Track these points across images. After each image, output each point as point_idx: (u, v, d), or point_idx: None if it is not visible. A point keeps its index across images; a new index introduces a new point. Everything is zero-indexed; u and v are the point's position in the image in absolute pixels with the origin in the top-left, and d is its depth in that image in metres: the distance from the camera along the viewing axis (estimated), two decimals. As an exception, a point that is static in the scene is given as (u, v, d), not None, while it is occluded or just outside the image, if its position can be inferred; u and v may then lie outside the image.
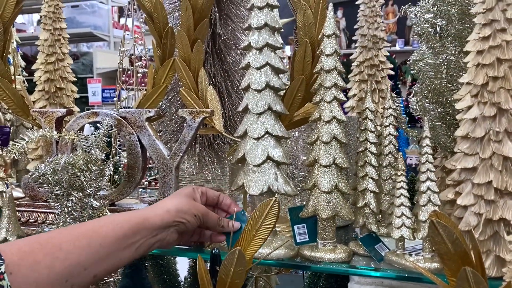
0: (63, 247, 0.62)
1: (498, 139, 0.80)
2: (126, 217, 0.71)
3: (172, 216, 0.76)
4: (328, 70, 0.86)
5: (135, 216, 0.72)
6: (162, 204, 0.78)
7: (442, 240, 0.65)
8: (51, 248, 0.60)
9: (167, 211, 0.76)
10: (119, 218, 0.71)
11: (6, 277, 0.54)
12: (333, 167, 0.86)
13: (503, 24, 0.79)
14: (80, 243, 0.64)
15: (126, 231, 0.69)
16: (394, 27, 5.75)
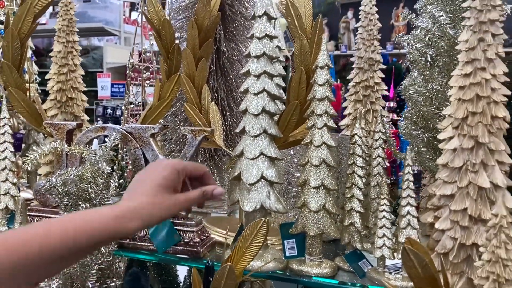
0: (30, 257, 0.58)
1: (474, 169, 0.86)
2: (100, 226, 0.65)
3: (146, 225, 0.70)
4: (320, 99, 0.92)
5: (111, 226, 0.66)
6: (137, 212, 0.69)
7: (413, 265, 0.72)
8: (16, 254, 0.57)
9: (142, 222, 0.69)
10: (95, 227, 0.65)
11: None
12: (321, 188, 0.93)
13: (483, 64, 0.85)
14: (51, 253, 0.60)
15: (98, 240, 0.65)
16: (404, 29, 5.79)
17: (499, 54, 0.85)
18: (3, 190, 1.15)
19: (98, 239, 0.64)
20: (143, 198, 0.70)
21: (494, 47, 0.85)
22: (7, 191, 1.15)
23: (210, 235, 1.10)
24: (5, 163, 1.15)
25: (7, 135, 1.15)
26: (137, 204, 0.69)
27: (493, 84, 0.85)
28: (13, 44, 1.16)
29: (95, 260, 0.97)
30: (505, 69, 0.85)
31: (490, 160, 0.85)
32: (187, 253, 1.01)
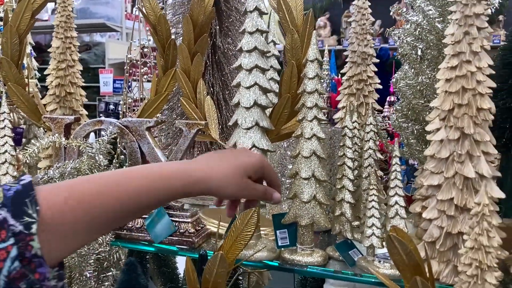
0: (98, 208, 0.59)
1: (460, 160, 0.88)
2: (170, 190, 0.67)
3: (210, 194, 0.73)
4: (310, 92, 0.95)
5: (179, 189, 0.68)
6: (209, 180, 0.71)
7: (398, 252, 0.74)
8: (86, 207, 0.58)
9: (208, 190, 0.71)
10: (163, 187, 0.66)
11: (36, 238, 0.52)
12: (312, 179, 0.95)
13: (469, 56, 0.87)
14: (115, 207, 0.61)
15: (163, 200, 0.67)
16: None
17: (484, 47, 0.87)
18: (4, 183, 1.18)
19: (168, 198, 0.67)
20: (221, 170, 0.72)
21: (479, 40, 0.87)
22: (7, 184, 1.18)
23: (205, 226, 1.12)
24: (5, 156, 1.17)
25: (7, 129, 1.17)
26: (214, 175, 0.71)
27: (478, 77, 0.87)
28: (12, 41, 1.19)
29: (92, 250, 1.00)
30: (490, 62, 0.87)
31: (476, 151, 0.87)
32: (183, 243, 1.04)
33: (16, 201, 0.52)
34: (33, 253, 0.52)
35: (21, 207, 0.52)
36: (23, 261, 0.51)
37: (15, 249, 0.50)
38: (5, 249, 0.50)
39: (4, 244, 0.50)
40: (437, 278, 0.89)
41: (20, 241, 0.51)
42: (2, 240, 0.50)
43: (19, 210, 0.52)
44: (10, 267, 0.50)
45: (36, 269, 0.52)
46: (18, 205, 0.52)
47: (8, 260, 0.50)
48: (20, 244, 0.51)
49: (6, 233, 0.50)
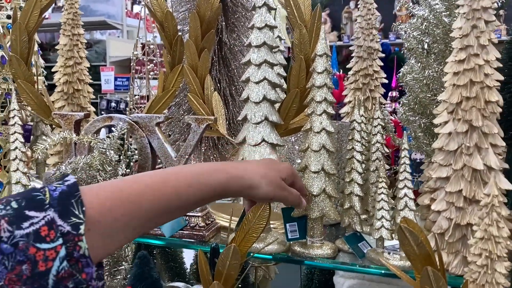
0: (144, 207, 0.61)
1: (469, 152, 0.89)
2: (211, 185, 0.70)
3: (249, 196, 0.78)
4: (319, 86, 0.96)
5: (219, 185, 0.71)
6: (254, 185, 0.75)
7: (409, 243, 0.75)
8: (131, 207, 0.60)
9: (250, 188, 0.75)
10: (204, 180, 0.69)
11: (84, 238, 0.53)
12: (321, 173, 0.96)
13: (476, 50, 0.88)
14: (160, 205, 0.63)
15: (205, 197, 0.69)
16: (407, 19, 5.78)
17: (491, 40, 0.88)
18: (15, 179, 1.19)
19: (206, 195, 0.69)
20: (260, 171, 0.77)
21: (487, 33, 0.88)
22: (18, 180, 1.19)
23: (215, 220, 1.13)
24: (15, 153, 1.19)
25: (17, 126, 1.19)
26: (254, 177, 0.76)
27: (486, 70, 0.88)
28: (21, 38, 1.20)
29: (104, 244, 1.01)
30: (498, 55, 0.88)
31: (484, 143, 0.88)
32: (193, 237, 1.05)
33: (63, 202, 0.54)
34: (81, 253, 0.53)
35: (67, 208, 0.54)
36: (70, 261, 0.52)
37: (64, 249, 0.52)
38: (54, 249, 0.51)
39: (53, 244, 0.51)
40: (446, 269, 0.90)
41: (68, 241, 0.52)
42: (51, 240, 0.51)
43: (66, 211, 0.53)
44: (59, 267, 0.51)
45: (83, 269, 0.53)
46: (65, 205, 0.54)
47: (57, 259, 0.51)
48: (69, 244, 0.52)
49: (55, 233, 0.52)
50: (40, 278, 0.50)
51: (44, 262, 0.50)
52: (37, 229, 0.51)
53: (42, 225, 0.51)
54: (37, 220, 0.51)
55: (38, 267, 0.50)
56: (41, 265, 0.50)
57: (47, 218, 0.52)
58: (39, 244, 0.50)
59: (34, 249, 0.50)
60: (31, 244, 0.50)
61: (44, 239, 0.51)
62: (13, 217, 0.51)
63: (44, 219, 0.52)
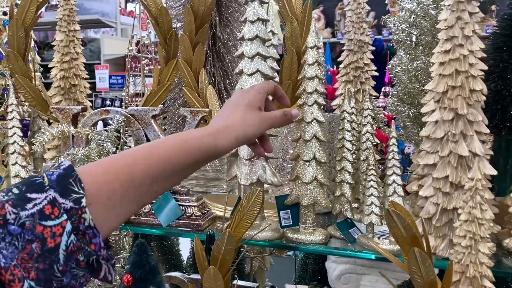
0: (137, 177, 0.62)
1: (455, 140, 0.92)
2: (197, 144, 0.70)
3: (239, 143, 0.77)
4: (310, 78, 0.99)
5: (206, 143, 0.71)
6: (231, 128, 0.75)
7: (396, 226, 0.78)
8: (125, 177, 0.61)
9: (236, 139, 0.75)
10: (192, 144, 0.70)
11: (87, 210, 0.55)
12: (313, 162, 0.99)
13: (461, 40, 0.91)
14: (154, 171, 0.64)
15: (196, 158, 0.70)
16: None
17: (475, 31, 0.91)
18: (13, 172, 1.21)
19: (196, 157, 0.69)
20: (234, 117, 0.76)
21: (471, 25, 0.91)
22: (17, 173, 1.21)
23: (211, 209, 1.16)
24: (14, 147, 1.21)
25: (15, 120, 1.21)
26: (230, 123, 0.75)
27: (470, 60, 0.91)
28: (18, 34, 1.22)
29: (103, 234, 1.03)
30: (482, 45, 0.91)
31: (469, 130, 0.92)
32: (189, 226, 1.08)
33: (61, 182, 0.55)
34: (86, 225, 0.55)
35: (67, 187, 0.55)
36: (77, 234, 0.54)
37: (69, 224, 0.53)
38: (60, 225, 0.53)
39: (58, 220, 0.53)
40: (434, 252, 0.93)
41: (72, 216, 0.54)
42: (56, 217, 0.53)
43: (65, 190, 0.55)
44: (67, 241, 0.53)
45: (90, 240, 0.55)
46: (64, 185, 0.55)
47: (65, 234, 0.53)
48: (73, 219, 0.54)
49: (59, 210, 0.53)
50: (51, 254, 0.52)
51: (52, 238, 0.52)
52: (41, 208, 0.53)
53: (45, 204, 0.53)
54: (40, 201, 0.53)
55: (47, 244, 0.52)
56: (49, 241, 0.52)
57: (49, 198, 0.54)
58: (45, 222, 0.52)
59: (41, 227, 0.52)
60: (37, 223, 0.52)
61: (49, 216, 0.52)
62: (16, 201, 0.53)
63: (46, 199, 0.53)
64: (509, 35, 1.03)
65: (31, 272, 0.51)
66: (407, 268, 0.80)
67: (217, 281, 0.87)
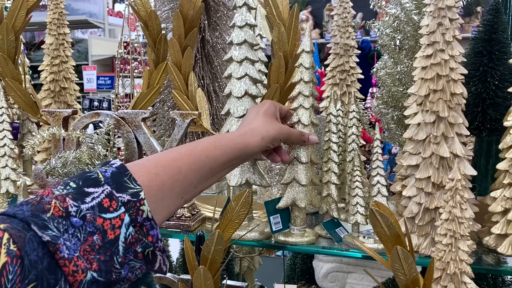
0: (182, 170, 0.68)
1: (436, 141, 0.95)
2: (230, 143, 0.79)
3: (265, 143, 0.86)
4: (307, 81, 1.01)
5: (238, 142, 0.80)
6: (256, 130, 0.86)
7: (380, 225, 0.81)
8: (172, 170, 0.66)
9: (262, 139, 0.85)
10: (225, 142, 0.78)
11: (146, 202, 0.57)
12: (309, 163, 1.02)
13: (442, 46, 0.94)
14: (195, 166, 0.70)
15: (230, 156, 0.77)
16: (387, 17, 5.88)
17: (456, 37, 0.94)
18: (4, 175, 1.22)
19: (230, 155, 0.77)
20: (257, 121, 0.88)
21: (452, 30, 0.94)
22: (7, 176, 1.22)
23: (200, 211, 1.18)
24: (4, 150, 1.22)
25: (5, 123, 1.22)
26: (254, 126, 0.86)
27: (451, 64, 0.94)
28: (8, 38, 1.23)
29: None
30: (462, 50, 0.94)
31: (450, 132, 0.95)
32: (179, 227, 1.10)
33: (116, 180, 0.58)
34: (144, 217, 0.57)
35: (122, 184, 0.58)
36: (135, 226, 0.56)
37: (127, 216, 0.56)
38: (119, 217, 0.55)
39: (117, 213, 0.55)
40: (417, 251, 0.96)
41: (130, 208, 0.56)
42: (114, 209, 0.55)
43: (121, 186, 0.57)
44: (126, 233, 0.55)
45: (148, 232, 0.58)
46: (119, 182, 0.58)
47: (123, 226, 0.55)
48: (131, 211, 0.56)
49: (117, 203, 0.55)
50: (111, 245, 0.53)
51: (112, 230, 0.54)
52: (100, 201, 0.54)
53: (103, 198, 0.55)
54: (97, 194, 0.55)
55: (108, 236, 0.53)
56: (109, 233, 0.53)
57: (106, 192, 0.55)
58: (105, 214, 0.54)
59: (101, 219, 0.53)
60: (98, 215, 0.53)
61: (108, 209, 0.54)
62: (76, 194, 0.55)
63: (104, 193, 0.55)
64: (489, 40, 1.07)
65: (93, 263, 0.52)
66: (390, 266, 0.83)
67: (207, 280, 0.89)
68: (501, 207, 0.96)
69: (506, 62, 1.06)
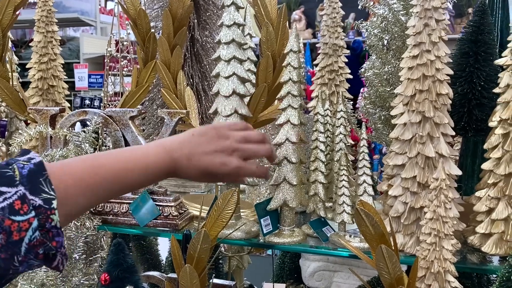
0: (100, 194, 0.68)
1: (422, 141, 0.96)
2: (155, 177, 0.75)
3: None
4: (295, 81, 1.02)
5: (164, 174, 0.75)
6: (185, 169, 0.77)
7: (365, 224, 0.82)
8: (89, 194, 0.66)
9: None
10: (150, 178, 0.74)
11: (57, 212, 0.58)
12: (298, 163, 1.02)
13: (428, 46, 0.95)
14: (113, 193, 0.70)
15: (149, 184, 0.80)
16: (378, 17, 5.90)
17: (442, 38, 0.95)
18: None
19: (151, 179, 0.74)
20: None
21: (438, 31, 0.95)
22: (-6, 174, 1.21)
23: (188, 210, 1.18)
24: (-9, 148, 1.21)
25: (-8, 121, 1.21)
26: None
27: (437, 65, 0.95)
28: (-5, 35, 1.22)
29: (80, 234, 1.05)
30: (448, 51, 0.95)
31: (436, 132, 0.96)
32: (167, 225, 1.10)
33: (32, 180, 0.58)
34: (53, 225, 0.58)
35: (37, 186, 0.58)
36: (42, 231, 0.57)
37: (36, 221, 0.57)
38: (27, 220, 0.56)
39: (26, 217, 0.56)
40: (402, 250, 0.97)
41: (40, 214, 0.57)
42: (24, 213, 0.56)
43: (35, 188, 0.58)
44: (31, 236, 0.56)
45: (54, 237, 0.59)
46: (34, 183, 0.58)
47: (30, 230, 0.56)
48: (41, 216, 0.57)
49: (28, 207, 0.56)
50: (14, 246, 0.55)
51: (18, 232, 0.55)
52: (11, 203, 0.55)
53: (15, 199, 0.55)
54: (10, 195, 0.56)
55: (13, 237, 0.55)
56: (15, 235, 0.55)
57: (19, 194, 0.56)
58: (14, 217, 0.55)
59: (10, 221, 0.55)
60: (7, 217, 0.54)
61: (18, 212, 0.55)
62: None
63: (16, 194, 0.56)
64: (475, 41, 1.08)
65: None
66: (375, 264, 0.84)
67: (193, 279, 0.89)
68: (486, 207, 0.97)
69: (492, 63, 1.07)
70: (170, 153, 0.75)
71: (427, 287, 0.83)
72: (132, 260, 1.00)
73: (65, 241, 0.63)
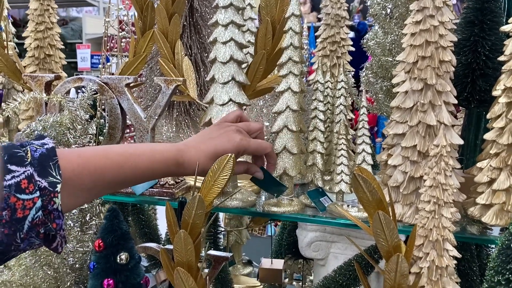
0: (106, 178, 0.73)
1: (423, 109, 0.94)
2: (163, 165, 0.83)
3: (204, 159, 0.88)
4: (296, 47, 0.99)
5: (173, 164, 0.84)
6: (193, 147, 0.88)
7: (362, 190, 0.80)
8: (96, 177, 0.71)
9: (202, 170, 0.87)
10: (157, 165, 0.82)
11: (59, 196, 0.62)
12: (298, 132, 1.00)
13: (432, 11, 0.92)
14: (119, 179, 0.75)
15: (158, 175, 0.86)
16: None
17: (446, 2, 0.92)
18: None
19: (163, 171, 0.85)
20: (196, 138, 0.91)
21: (442, -5, 0.92)
22: (-11, 142, 1.20)
23: (185, 179, 1.17)
24: (-14, 116, 1.20)
25: (-13, 89, 1.19)
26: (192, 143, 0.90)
27: (440, 31, 0.92)
28: (-10, 0, 1.20)
29: (75, 201, 1.03)
30: (452, 17, 0.92)
31: (437, 100, 0.93)
32: (163, 194, 1.09)
33: (42, 163, 0.61)
34: (55, 208, 0.62)
35: (46, 169, 0.62)
36: (44, 212, 0.61)
37: (40, 201, 0.60)
38: (32, 200, 0.59)
39: (31, 196, 0.59)
40: (401, 220, 0.95)
41: (45, 195, 0.61)
42: (30, 192, 0.59)
43: (44, 171, 0.61)
44: (34, 215, 0.59)
45: (54, 219, 0.63)
46: (43, 166, 0.61)
47: (34, 209, 0.59)
48: (45, 198, 0.61)
49: (34, 186, 0.59)
50: (17, 223, 0.58)
51: (22, 210, 0.58)
52: (18, 182, 0.58)
53: (22, 179, 0.59)
54: (18, 174, 0.59)
55: (17, 214, 0.58)
56: (19, 212, 0.58)
57: (27, 173, 0.59)
58: (19, 195, 0.58)
59: (15, 198, 0.58)
60: (13, 194, 0.58)
61: (24, 190, 0.59)
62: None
63: (24, 174, 0.59)
64: (480, 9, 1.04)
65: None
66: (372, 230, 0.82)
67: (187, 245, 0.88)
68: (487, 177, 0.94)
69: (497, 32, 1.04)
70: (177, 145, 0.85)
71: (425, 255, 0.82)
72: (126, 227, 0.99)
73: (65, 224, 0.66)
